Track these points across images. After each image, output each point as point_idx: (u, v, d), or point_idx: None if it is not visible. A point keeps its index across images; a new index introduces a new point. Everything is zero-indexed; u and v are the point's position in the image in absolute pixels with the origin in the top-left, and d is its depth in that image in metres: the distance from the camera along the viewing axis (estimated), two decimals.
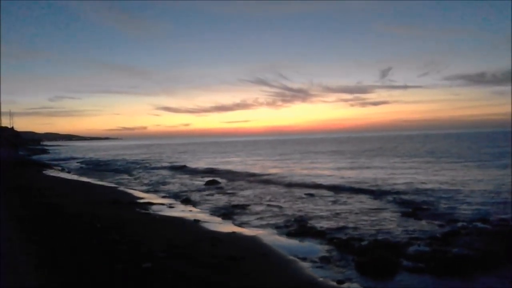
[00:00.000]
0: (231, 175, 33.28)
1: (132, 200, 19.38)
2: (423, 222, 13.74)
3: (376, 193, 20.71)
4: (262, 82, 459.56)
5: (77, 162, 58.66)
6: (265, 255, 9.81)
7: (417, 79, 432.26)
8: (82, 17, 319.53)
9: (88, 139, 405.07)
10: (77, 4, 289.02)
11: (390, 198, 19.12)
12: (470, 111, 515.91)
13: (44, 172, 38.45)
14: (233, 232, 12.51)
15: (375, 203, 17.72)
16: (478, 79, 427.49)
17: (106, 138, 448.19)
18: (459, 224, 13.03)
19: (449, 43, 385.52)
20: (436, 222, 13.53)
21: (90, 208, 15.72)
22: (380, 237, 11.49)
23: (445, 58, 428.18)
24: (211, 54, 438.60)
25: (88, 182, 29.37)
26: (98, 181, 30.77)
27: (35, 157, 73.41)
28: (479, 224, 12.79)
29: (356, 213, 15.56)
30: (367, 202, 18.17)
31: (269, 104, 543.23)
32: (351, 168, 36.70)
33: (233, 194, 22.22)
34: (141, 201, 19.39)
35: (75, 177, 34.63)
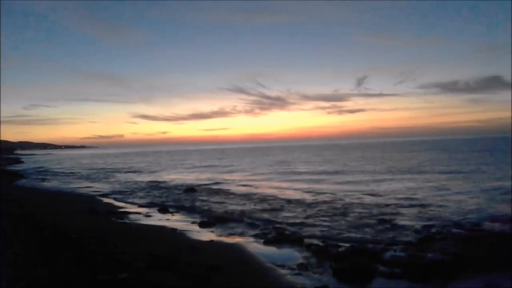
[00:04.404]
0: (209, 184, 33.16)
1: (109, 210, 19.17)
2: (399, 227, 13.98)
3: (354, 199, 20.96)
4: (240, 90, 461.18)
5: (51, 172, 57.52)
6: (244, 263, 9.85)
7: (393, 87, 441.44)
8: (59, 24, 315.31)
9: (63, 148, 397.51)
10: (55, 11, 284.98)
11: (367, 203, 19.38)
12: (444, 118, 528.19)
13: (18, 182, 37.66)
14: (212, 241, 12.52)
15: (353, 210, 17.91)
16: (451, 87, 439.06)
17: (82, 147, 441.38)
18: (434, 229, 13.31)
19: (423, 53, 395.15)
20: (412, 227, 13.80)
21: (66, 218, 15.50)
22: (357, 243, 11.64)
23: (419, 67, 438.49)
24: (189, 63, 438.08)
25: (65, 192, 28.87)
26: (74, 190, 30.25)
27: (9, 167, 71.70)
28: (453, 230, 13.09)
29: (334, 220, 15.73)
30: (345, 207, 18.35)
31: (247, 112, 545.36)
32: (330, 176, 37.01)
33: (210, 202, 22.14)
34: (118, 210, 19.20)
35: (51, 186, 33.99)
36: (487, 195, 20.81)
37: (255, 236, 13.43)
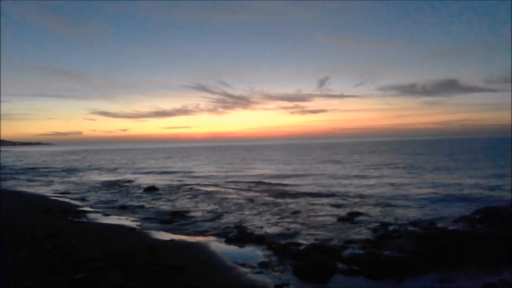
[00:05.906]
0: (171, 182, 32.78)
1: (66, 209, 18.62)
2: (358, 226, 14.25)
3: (314, 198, 21.23)
4: (203, 88, 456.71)
5: (3, 171, 55.35)
6: (205, 262, 9.77)
7: (353, 89, 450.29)
8: (15, 17, 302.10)
9: (18, 144, 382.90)
10: (9, 4, 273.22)
11: (327, 203, 19.67)
12: (402, 120, 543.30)
13: None
14: (172, 240, 12.37)
15: (313, 209, 18.14)
16: (409, 90, 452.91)
17: (38, 143, 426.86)
18: (391, 227, 13.65)
19: (383, 55, 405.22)
20: (370, 226, 14.10)
21: (19, 217, 14.95)
22: (317, 241, 11.80)
23: (379, 69, 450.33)
24: (152, 60, 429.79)
25: (18, 190, 27.83)
26: (28, 190, 29.20)
27: None
28: (410, 228, 13.47)
29: (294, 218, 15.86)
30: (306, 207, 18.56)
31: (210, 110, 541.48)
32: (293, 174, 37.34)
33: (172, 201, 21.90)
34: (75, 209, 18.68)
35: (2, 185, 32.65)
36: (443, 196, 21.54)
37: (216, 235, 13.35)
